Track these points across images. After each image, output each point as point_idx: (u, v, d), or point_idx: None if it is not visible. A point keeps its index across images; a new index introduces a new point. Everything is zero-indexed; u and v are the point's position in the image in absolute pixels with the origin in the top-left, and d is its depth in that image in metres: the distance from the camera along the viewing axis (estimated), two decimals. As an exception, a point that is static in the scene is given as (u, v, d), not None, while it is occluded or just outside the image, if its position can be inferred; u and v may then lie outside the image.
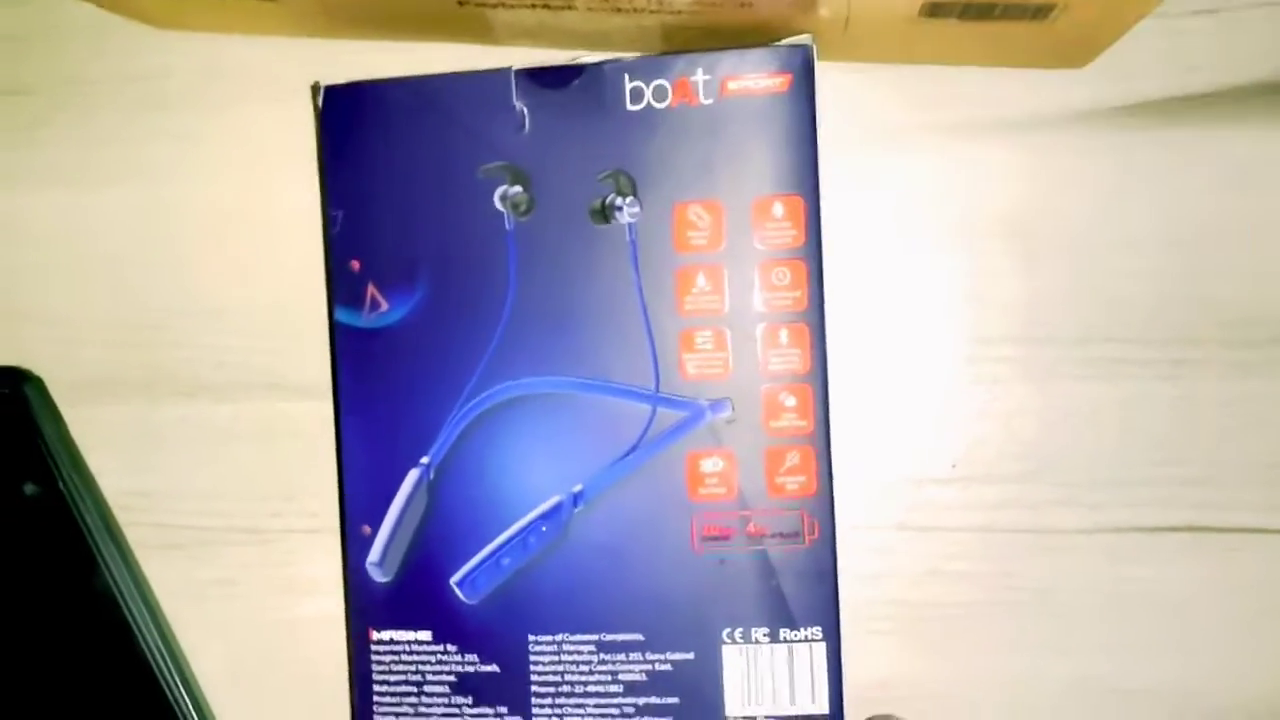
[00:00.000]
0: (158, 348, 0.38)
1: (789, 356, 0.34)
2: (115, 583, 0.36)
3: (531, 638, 0.35)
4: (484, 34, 0.35)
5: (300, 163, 0.37)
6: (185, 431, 0.38)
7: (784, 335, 0.34)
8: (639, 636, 0.34)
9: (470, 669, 0.35)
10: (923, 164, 0.36)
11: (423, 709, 0.35)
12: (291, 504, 0.38)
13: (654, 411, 0.34)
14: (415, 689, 0.35)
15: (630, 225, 0.34)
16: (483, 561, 0.35)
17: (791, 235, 0.34)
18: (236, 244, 0.37)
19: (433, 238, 0.35)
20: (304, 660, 0.37)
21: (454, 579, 0.35)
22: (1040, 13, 0.30)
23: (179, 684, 0.36)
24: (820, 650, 0.34)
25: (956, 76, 0.35)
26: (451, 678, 0.35)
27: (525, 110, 0.34)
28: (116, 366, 0.38)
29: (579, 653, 0.34)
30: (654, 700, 0.34)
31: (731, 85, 0.33)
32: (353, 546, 0.35)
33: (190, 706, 0.37)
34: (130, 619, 0.36)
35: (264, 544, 0.38)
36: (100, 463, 0.38)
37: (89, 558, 0.36)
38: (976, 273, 0.36)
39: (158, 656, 0.36)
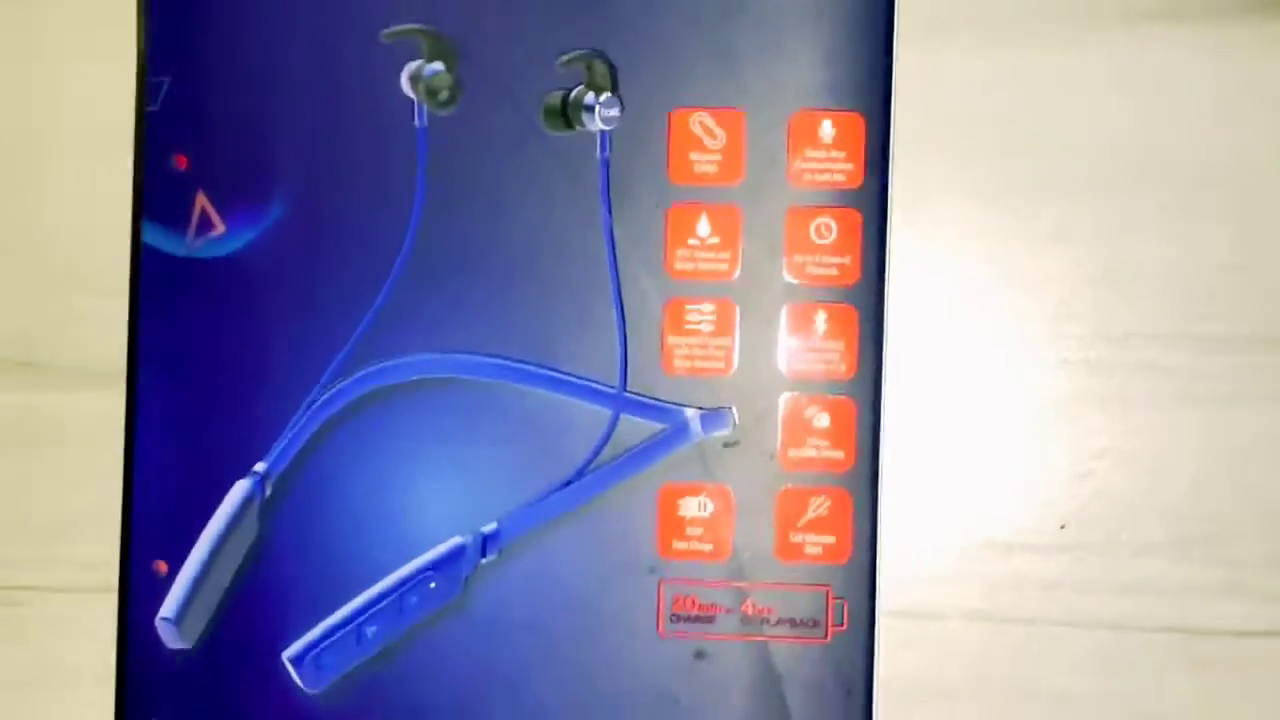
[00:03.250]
0: None
1: (826, 353, 0.29)
2: None
3: (403, 753, 0.30)
4: None
5: (94, 36, 0.31)
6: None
7: (821, 320, 0.29)
8: (568, 760, 0.29)
9: (302, 796, 0.30)
10: (1035, 70, 0.31)
11: None
12: (56, 549, 0.32)
13: (615, 420, 0.30)
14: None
15: (603, 135, 0.29)
16: (335, 630, 0.30)
17: (845, 171, 0.29)
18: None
19: (302, 130, 0.30)
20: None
21: (288, 654, 0.30)
22: None
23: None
24: (839, 800, 0.29)
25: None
26: (272, 809, 0.30)
27: (459, -49, 0.30)
28: None
29: (475, 779, 0.30)
30: None
31: (772, -58, 0.30)
32: (137, 592, 0.30)
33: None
34: None
35: (12, 607, 0.32)
36: None
37: None
38: (1105, 235, 0.31)
39: None
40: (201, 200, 0.30)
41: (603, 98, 0.29)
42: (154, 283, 0.30)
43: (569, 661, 0.29)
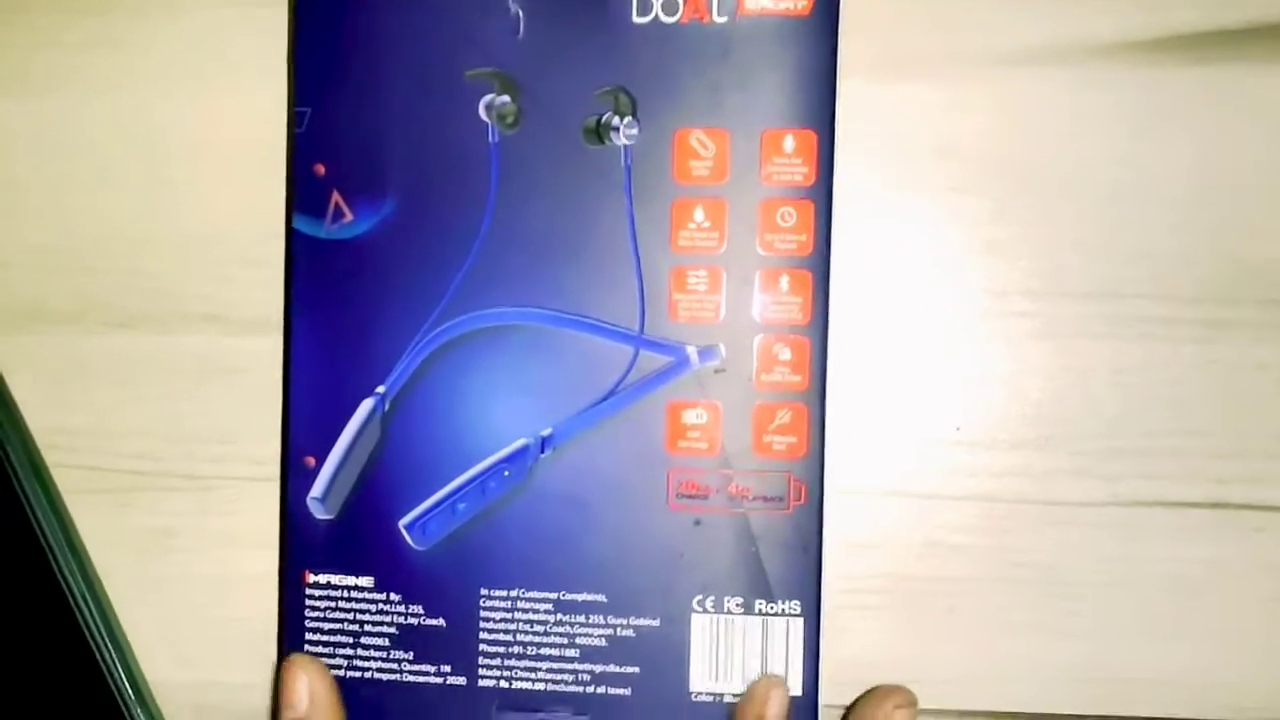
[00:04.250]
0: (91, 273, 0.35)
1: (788, 305, 0.32)
2: (41, 529, 0.34)
3: (483, 591, 0.33)
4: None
5: (254, 74, 0.35)
6: (118, 365, 0.35)
7: (784, 282, 0.32)
8: (601, 598, 0.32)
9: (414, 621, 0.33)
10: (940, 98, 0.34)
11: (358, 662, 0.33)
12: (234, 448, 0.35)
13: (636, 354, 0.32)
14: (351, 639, 0.33)
15: (626, 148, 0.32)
16: (436, 505, 0.33)
17: (802, 173, 0.32)
18: (180, 163, 0.35)
19: (408, 145, 0.33)
20: (242, 620, 0.35)
21: (403, 522, 0.33)
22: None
23: (107, 641, 0.34)
24: (797, 626, 0.32)
25: (981, 3, 0.33)
26: (392, 630, 0.33)
27: (521, 13, 0.32)
28: (44, 292, 0.35)
29: (534, 611, 0.33)
30: (612, 669, 0.32)
31: (749, 4, 0.32)
32: (294, 479, 0.33)
33: (118, 665, 0.34)
34: (56, 569, 0.34)
35: (203, 491, 0.35)
36: (24, 396, 0.35)
37: (13, 500, 0.34)
38: (991, 219, 0.34)
39: (85, 611, 0.34)
40: (336, 197, 0.33)
41: (626, 120, 0.32)
42: (302, 257, 0.33)
43: (603, 528, 0.32)
